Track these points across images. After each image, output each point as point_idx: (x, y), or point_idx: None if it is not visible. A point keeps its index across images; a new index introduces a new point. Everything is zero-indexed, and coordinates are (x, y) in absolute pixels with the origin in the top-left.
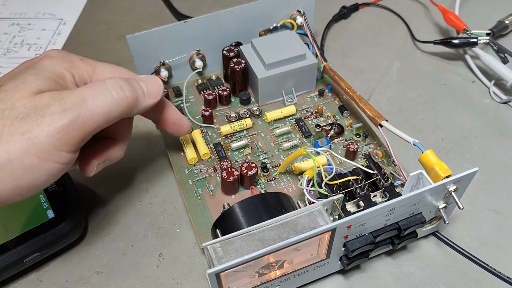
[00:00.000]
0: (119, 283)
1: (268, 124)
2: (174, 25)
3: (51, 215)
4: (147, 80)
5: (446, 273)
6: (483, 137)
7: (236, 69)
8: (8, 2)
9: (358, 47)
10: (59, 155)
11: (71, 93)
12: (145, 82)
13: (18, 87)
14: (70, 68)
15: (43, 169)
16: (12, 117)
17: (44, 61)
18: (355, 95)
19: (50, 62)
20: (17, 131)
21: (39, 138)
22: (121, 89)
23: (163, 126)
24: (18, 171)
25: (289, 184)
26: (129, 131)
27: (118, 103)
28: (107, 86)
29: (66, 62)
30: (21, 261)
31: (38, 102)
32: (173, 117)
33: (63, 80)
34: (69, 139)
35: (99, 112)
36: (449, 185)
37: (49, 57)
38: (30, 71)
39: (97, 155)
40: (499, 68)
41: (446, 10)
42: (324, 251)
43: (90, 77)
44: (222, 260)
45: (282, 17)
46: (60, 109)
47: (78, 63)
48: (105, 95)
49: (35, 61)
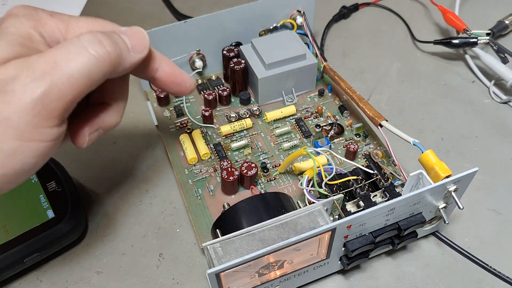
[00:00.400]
0: (119, 283)
1: (268, 124)
2: (174, 25)
3: (51, 215)
4: (129, 33)
5: (446, 273)
6: (483, 137)
7: (236, 69)
8: (8, 2)
9: (358, 47)
10: (42, 132)
11: (40, 57)
12: (128, 35)
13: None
14: (38, 27)
15: (27, 152)
16: None
17: (6, 21)
18: (355, 95)
19: (13, 22)
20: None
21: (13, 118)
22: (100, 45)
23: (161, 86)
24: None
25: (289, 184)
26: (123, 92)
27: (99, 62)
28: (82, 43)
29: (32, 19)
30: (21, 261)
31: (4, 75)
32: (171, 74)
33: (31, 41)
34: (48, 113)
35: (77, 75)
36: (449, 185)
37: (12, 16)
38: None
39: (88, 123)
40: (499, 68)
41: (446, 10)
42: (324, 251)
43: (63, 35)
44: (222, 260)
45: (282, 17)
46: (30, 79)
47: (47, 19)
48: (81, 55)
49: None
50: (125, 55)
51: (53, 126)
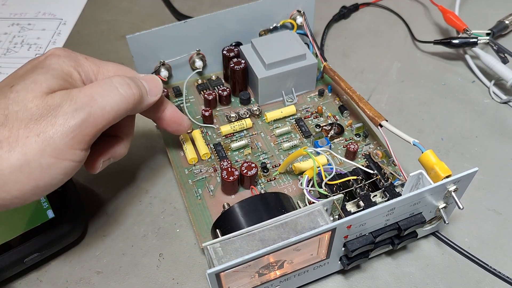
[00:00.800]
0: (119, 283)
1: (268, 124)
2: (174, 25)
3: (51, 215)
4: (148, 79)
5: (446, 273)
6: (483, 137)
7: (236, 69)
8: (8, 2)
9: (358, 47)
10: (74, 153)
11: (80, 91)
12: (146, 80)
13: (29, 87)
14: (77, 66)
15: (59, 168)
16: (26, 119)
17: (50, 59)
18: (355, 95)
19: (56, 61)
20: (33, 133)
21: (54, 138)
22: (128, 87)
23: (163, 125)
24: (36, 172)
25: (289, 184)
26: (132, 128)
27: (126, 100)
28: (114, 83)
29: (72, 60)
30: (21, 261)
31: (50, 102)
32: (173, 115)
33: (71, 78)
34: (82, 137)
35: (108, 109)
36: (449, 185)
37: (55, 56)
38: (38, 71)
39: (103, 152)
40: (499, 68)
41: (446, 10)
42: (324, 251)
43: (95, 76)
44: (222, 260)
45: (282, 17)
46: (72, 108)
47: (83, 61)
48: (113, 93)
49: (41, 60)
50: (144, 97)
51: (82, 149)
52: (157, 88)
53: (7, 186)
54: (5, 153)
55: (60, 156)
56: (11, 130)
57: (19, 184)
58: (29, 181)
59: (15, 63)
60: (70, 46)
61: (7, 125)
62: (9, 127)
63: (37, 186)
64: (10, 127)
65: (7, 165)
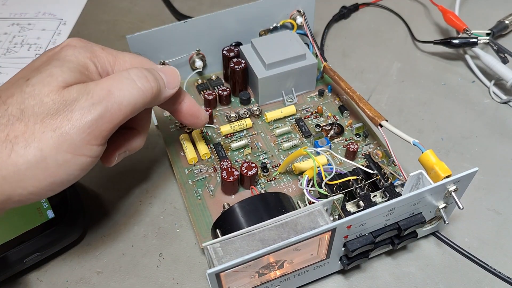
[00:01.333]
0: (119, 283)
1: (268, 124)
2: (174, 25)
3: (51, 215)
4: (166, 71)
5: (446, 273)
6: (483, 137)
7: (236, 69)
8: (8, 2)
9: (358, 47)
10: (90, 149)
11: (97, 85)
12: (164, 72)
13: (45, 80)
14: (93, 58)
15: (75, 164)
16: (42, 114)
17: (66, 51)
18: (355, 95)
19: (72, 52)
20: (49, 128)
21: (71, 133)
22: (145, 80)
23: (180, 117)
24: (52, 168)
25: (289, 184)
26: (148, 120)
27: (144, 94)
28: (132, 76)
29: (88, 51)
30: (21, 261)
31: (67, 96)
32: (191, 108)
33: (87, 70)
34: (99, 133)
35: (126, 103)
36: (449, 185)
37: (71, 47)
38: (54, 63)
39: (119, 145)
40: (499, 68)
41: (446, 10)
42: (324, 251)
43: (111, 67)
44: (222, 260)
45: (282, 17)
46: (89, 103)
47: (99, 52)
48: (131, 86)
49: (56, 51)
50: (162, 90)
51: (98, 145)
52: (175, 80)
53: (24, 182)
54: (21, 149)
55: (77, 151)
56: (27, 125)
57: (35, 180)
58: (45, 177)
59: (15, 63)
60: None
61: (23, 120)
62: (25, 121)
63: (53, 182)
64: (26, 121)
65: (24, 161)
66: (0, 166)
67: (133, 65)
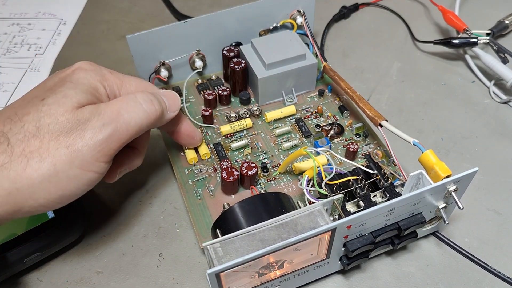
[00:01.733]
0: (119, 283)
1: (268, 124)
2: (174, 25)
3: (51, 215)
4: (167, 95)
5: (446, 273)
6: (483, 137)
7: (236, 69)
8: (8, 2)
9: (358, 47)
10: (99, 165)
11: (107, 106)
12: (166, 96)
13: (60, 101)
14: (102, 81)
15: (84, 179)
16: (57, 131)
17: (78, 73)
18: (355, 95)
19: (84, 76)
20: (62, 145)
21: (82, 151)
22: (151, 103)
23: (176, 138)
24: (63, 183)
25: (289, 184)
26: (147, 140)
27: (149, 116)
28: (139, 100)
29: (98, 75)
30: (21, 261)
31: (80, 116)
32: (187, 129)
33: (97, 92)
34: (108, 151)
35: (133, 125)
36: (449, 185)
37: (82, 70)
38: (68, 85)
39: (121, 163)
40: (499, 68)
41: (446, 10)
42: (324, 251)
43: (119, 90)
44: (222, 260)
45: (282, 17)
46: (100, 123)
47: (108, 76)
48: (138, 109)
49: (68, 73)
50: (164, 113)
51: (106, 162)
52: (176, 104)
53: (36, 195)
54: (36, 163)
55: (86, 167)
56: (42, 141)
57: (46, 193)
58: (56, 191)
59: (15, 63)
60: (70, 46)
61: (39, 137)
62: (40, 138)
63: (63, 195)
64: (41, 138)
65: (38, 175)
66: (15, 179)
67: (138, 88)
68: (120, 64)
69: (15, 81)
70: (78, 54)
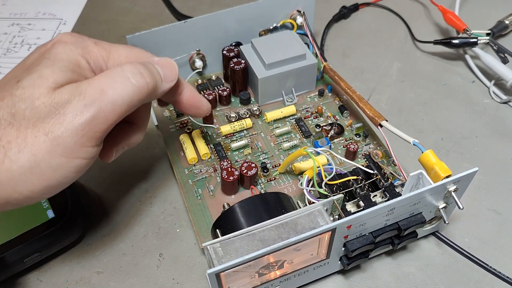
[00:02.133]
0: (119, 283)
1: (268, 124)
2: (174, 25)
3: (51, 215)
4: (162, 63)
5: (446, 273)
6: (483, 137)
7: (236, 69)
8: (8, 2)
9: (358, 47)
10: (85, 151)
11: (89, 84)
12: (161, 65)
13: (35, 83)
14: (85, 54)
15: (70, 167)
16: (34, 117)
17: (57, 48)
18: (355, 95)
19: (63, 50)
20: (41, 132)
21: (63, 137)
22: (140, 76)
23: (180, 108)
24: (47, 173)
25: (289, 184)
26: (148, 114)
27: (139, 91)
28: (126, 73)
29: (80, 47)
30: (21, 261)
31: (58, 98)
32: (191, 99)
33: (79, 68)
34: (93, 134)
35: (120, 103)
36: (449, 185)
37: (61, 43)
38: (44, 62)
39: (117, 141)
40: (499, 68)
41: (446, 10)
42: (324, 251)
43: (105, 62)
44: (222, 260)
45: (282, 17)
46: (82, 104)
47: (92, 47)
48: (125, 84)
49: (48, 47)
50: (159, 84)
51: (94, 146)
52: (172, 73)
53: (19, 188)
54: (14, 154)
55: (71, 155)
56: (19, 130)
57: (30, 185)
58: (40, 182)
59: (15, 63)
60: None
61: (15, 125)
62: (16, 126)
63: (48, 185)
64: (18, 126)
65: (17, 167)
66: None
67: (128, 59)
68: None
69: None
70: None
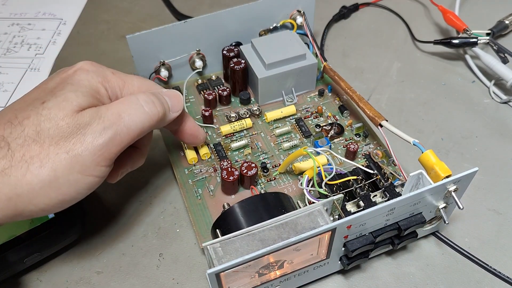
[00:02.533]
0: (119, 283)
1: (268, 124)
2: (174, 25)
3: (51, 215)
4: (170, 95)
5: (446, 273)
6: (483, 137)
7: (236, 69)
8: (8, 2)
9: (358, 47)
10: (99, 169)
11: (108, 109)
12: (169, 96)
13: (60, 105)
14: (104, 82)
15: (84, 184)
16: (57, 136)
17: (79, 75)
18: (355, 95)
19: (85, 77)
20: (62, 150)
21: (83, 155)
22: (153, 105)
23: (180, 137)
24: (63, 188)
25: (289, 184)
26: (149, 139)
27: (151, 118)
28: (140, 102)
29: (100, 76)
30: (21, 261)
31: (80, 120)
32: (191, 128)
33: (98, 94)
34: (108, 155)
35: (134, 127)
36: (449, 185)
37: (84, 71)
38: (69, 87)
39: (123, 164)
40: (499, 68)
41: (446, 10)
42: (324, 251)
43: (120, 91)
44: (222, 260)
45: (282, 17)
46: (101, 127)
47: (110, 77)
48: (139, 111)
49: (70, 74)
50: (167, 113)
51: (107, 166)
52: (179, 104)
53: (36, 200)
54: (36, 169)
55: (87, 172)
56: (42, 146)
57: (47, 198)
58: (56, 196)
59: (15, 63)
60: (70, 46)
61: (39, 142)
62: (40, 143)
63: (63, 200)
64: (42, 143)
65: (38, 181)
66: (16, 185)
67: (140, 89)
68: (120, 64)
69: (15, 81)
70: (78, 54)
